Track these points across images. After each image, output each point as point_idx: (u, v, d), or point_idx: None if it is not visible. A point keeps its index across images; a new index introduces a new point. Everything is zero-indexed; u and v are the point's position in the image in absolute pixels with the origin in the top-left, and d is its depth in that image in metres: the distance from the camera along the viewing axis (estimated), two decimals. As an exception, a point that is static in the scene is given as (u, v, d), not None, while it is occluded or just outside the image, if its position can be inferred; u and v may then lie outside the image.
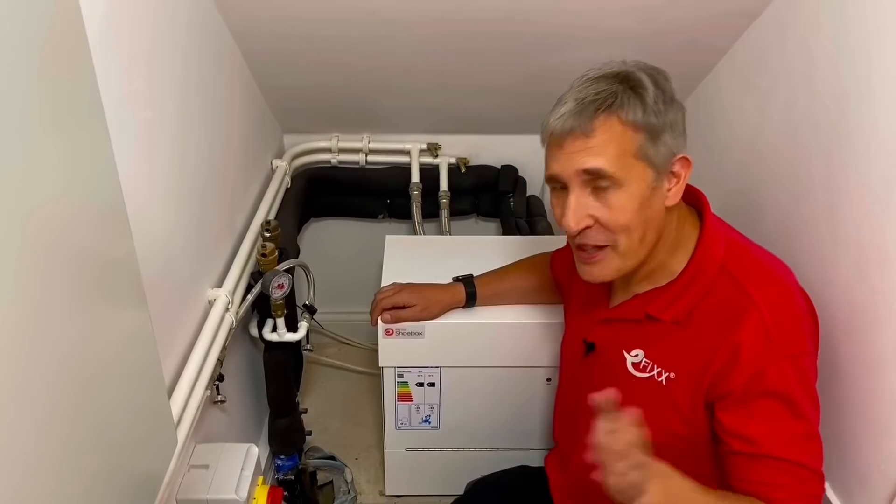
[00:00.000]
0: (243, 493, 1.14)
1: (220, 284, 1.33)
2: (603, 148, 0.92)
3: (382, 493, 1.81)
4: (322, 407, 2.12)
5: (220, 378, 1.25)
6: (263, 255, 1.38)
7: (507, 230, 1.95)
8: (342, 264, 2.21)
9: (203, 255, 1.27)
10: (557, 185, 0.98)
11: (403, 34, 1.45)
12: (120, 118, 0.92)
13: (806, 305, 0.98)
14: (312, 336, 2.39)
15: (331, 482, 1.85)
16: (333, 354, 2.31)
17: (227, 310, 1.29)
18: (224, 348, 1.27)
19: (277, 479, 1.70)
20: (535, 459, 1.44)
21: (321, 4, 1.33)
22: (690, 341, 0.98)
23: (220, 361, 1.24)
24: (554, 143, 0.96)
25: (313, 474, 1.82)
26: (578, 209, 0.95)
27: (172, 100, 1.12)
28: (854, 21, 1.07)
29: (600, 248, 0.98)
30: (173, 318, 1.14)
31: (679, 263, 1.02)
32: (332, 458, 1.88)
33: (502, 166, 2.03)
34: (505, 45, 1.51)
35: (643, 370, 1.04)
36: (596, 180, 0.93)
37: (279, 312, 1.41)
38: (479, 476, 1.46)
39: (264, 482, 1.24)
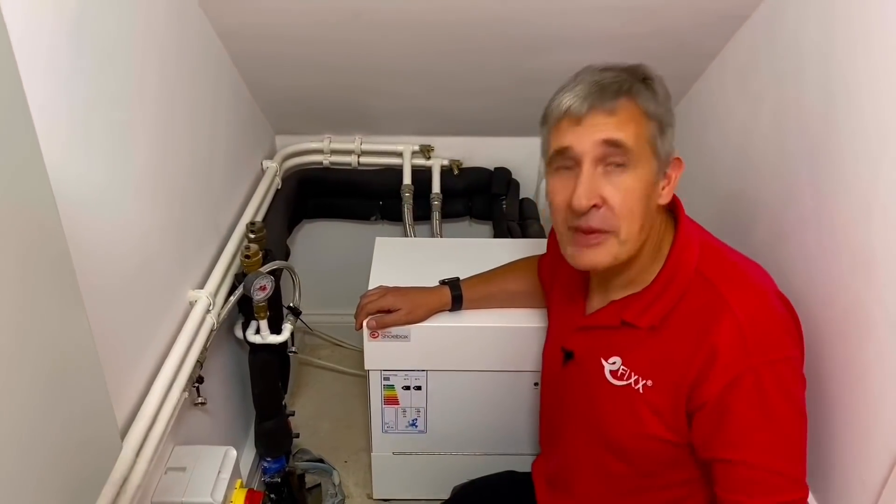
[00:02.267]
0: (219, 497, 1.14)
1: (202, 286, 1.32)
2: (625, 125, 0.92)
3: (370, 497, 1.79)
4: (313, 409, 2.12)
5: (200, 380, 1.25)
6: (247, 257, 1.37)
7: (498, 233, 1.94)
8: (335, 266, 2.20)
9: (184, 256, 1.27)
10: (566, 162, 0.96)
11: (390, 35, 1.44)
12: (90, 119, 0.92)
13: (785, 309, 0.95)
14: (306, 338, 2.39)
15: (319, 485, 1.84)
16: (326, 356, 2.30)
17: (207, 311, 1.28)
18: (205, 350, 1.26)
19: (264, 481, 1.69)
20: (523, 464, 1.42)
21: (305, 5, 1.32)
22: (667, 348, 0.97)
23: (199, 363, 1.24)
24: (570, 119, 0.94)
25: (301, 477, 1.81)
26: (591, 184, 0.93)
27: (150, 101, 1.11)
28: (840, 21, 1.06)
29: (602, 232, 0.96)
30: (151, 319, 1.13)
31: (655, 269, 1.01)
32: (321, 460, 1.87)
33: (496, 168, 2.02)
34: (493, 47, 1.50)
35: (621, 378, 1.02)
36: (610, 158, 0.92)
37: (262, 314, 1.40)
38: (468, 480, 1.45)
39: (242, 485, 1.24)
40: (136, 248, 1.06)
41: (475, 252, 1.62)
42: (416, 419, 1.59)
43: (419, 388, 1.54)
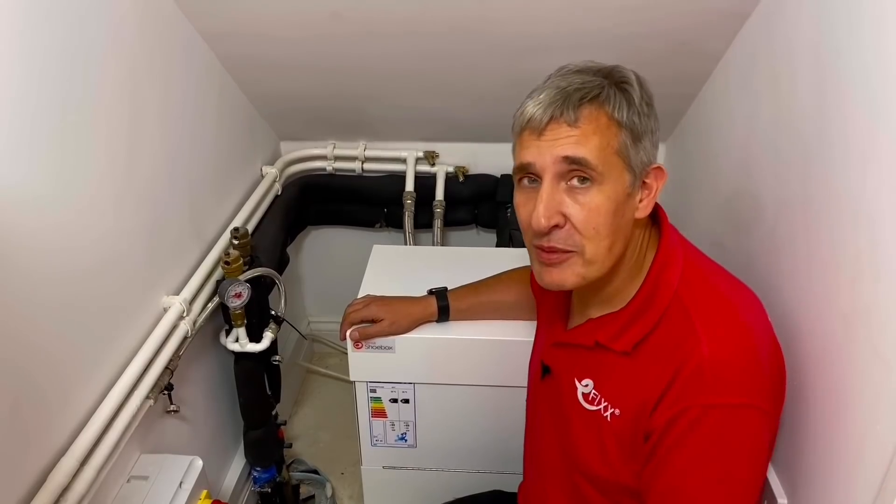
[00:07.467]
0: (178, 508, 1.11)
1: (179, 292, 1.31)
2: (587, 138, 0.84)
3: (362, 511, 1.75)
4: (315, 419, 2.09)
5: (170, 387, 1.23)
6: (227, 263, 1.35)
7: (501, 242, 1.88)
8: (341, 273, 2.16)
9: (157, 260, 1.25)
10: (528, 177, 0.90)
11: (376, 39, 1.41)
12: (38, 121, 0.91)
13: (769, 353, 0.85)
14: (315, 346, 2.37)
15: (313, 496, 1.81)
16: (335, 365, 2.28)
17: (181, 318, 1.26)
18: (177, 357, 1.24)
19: (255, 491, 1.67)
20: (514, 484, 1.36)
21: (281, 5, 1.30)
22: (636, 377, 0.89)
23: (170, 370, 1.22)
24: (531, 130, 0.86)
25: (296, 487, 1.79)
26: (551, 204, 0.85)
27: (115, 103, 1.10)
28: (832, 21, 0.97)
29: (565, 252, 0.89)
30: (115, 324, 1.12)
31: (635, 287, 0.93)
32: (316, 471, 1.84)
33: (502, 175, 1.96)
34: (487, 49, 1.46)
35: (592, 402, 0.95)
36: (572, 174, 0.85)
37: (238, 322, 1.38)
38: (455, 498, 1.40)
39: (209, 496, 1.21)
40: (93, 250, 1.04)
41: (472, 261, 1.56)
42: (406, 433, 1.55)
43: (407, 401, 1.49)
